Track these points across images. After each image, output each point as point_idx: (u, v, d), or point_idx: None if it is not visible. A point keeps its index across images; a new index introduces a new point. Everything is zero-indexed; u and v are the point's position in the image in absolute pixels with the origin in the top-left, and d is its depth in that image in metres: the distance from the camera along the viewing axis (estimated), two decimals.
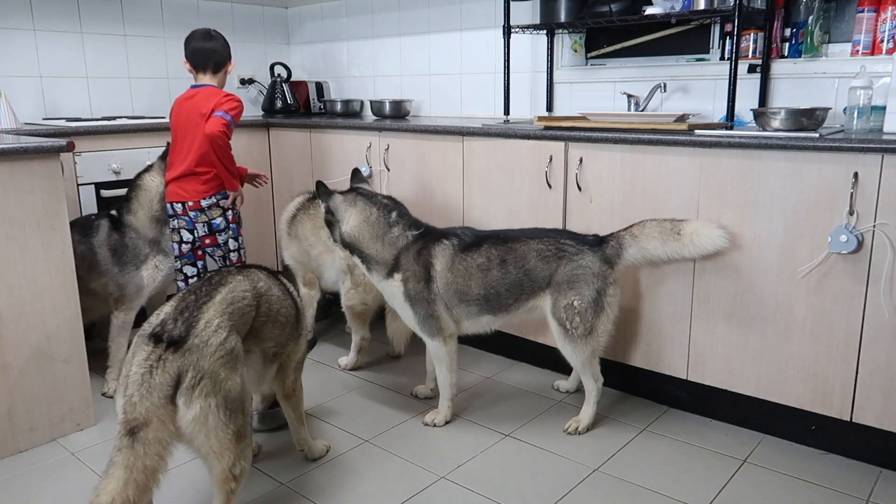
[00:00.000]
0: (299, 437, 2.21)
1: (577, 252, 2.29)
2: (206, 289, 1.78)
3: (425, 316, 2.35)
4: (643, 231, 2.29)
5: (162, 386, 1.56)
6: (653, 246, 2.27)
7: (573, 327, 2.28)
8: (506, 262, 2.31)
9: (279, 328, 1.96)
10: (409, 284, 2.34)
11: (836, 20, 2.65)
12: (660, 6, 2.78)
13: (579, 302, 2.26)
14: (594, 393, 2.39)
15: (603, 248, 2.31)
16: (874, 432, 2.11)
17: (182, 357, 1.60)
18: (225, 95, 2.69)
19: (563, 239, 2.33)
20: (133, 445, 1.50)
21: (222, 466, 1.64)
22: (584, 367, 2.34)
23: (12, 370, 2.25)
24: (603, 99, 3.21)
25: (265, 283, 1.95)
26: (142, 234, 2.71)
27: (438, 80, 3.84)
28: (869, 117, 2.31)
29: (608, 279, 2.28)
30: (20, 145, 2.20)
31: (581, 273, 2.27)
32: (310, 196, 3.07)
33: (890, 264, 1.98)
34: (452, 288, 2.33)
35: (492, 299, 2.33)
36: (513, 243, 2.34)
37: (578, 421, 2.39)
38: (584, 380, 2.38)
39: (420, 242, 2.35)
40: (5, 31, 3.34)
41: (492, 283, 2.32)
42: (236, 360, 1.69)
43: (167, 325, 1.65)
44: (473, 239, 2.37)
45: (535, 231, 2.42)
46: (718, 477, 2.12)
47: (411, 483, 2.10)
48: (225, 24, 4.17)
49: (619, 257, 2.31)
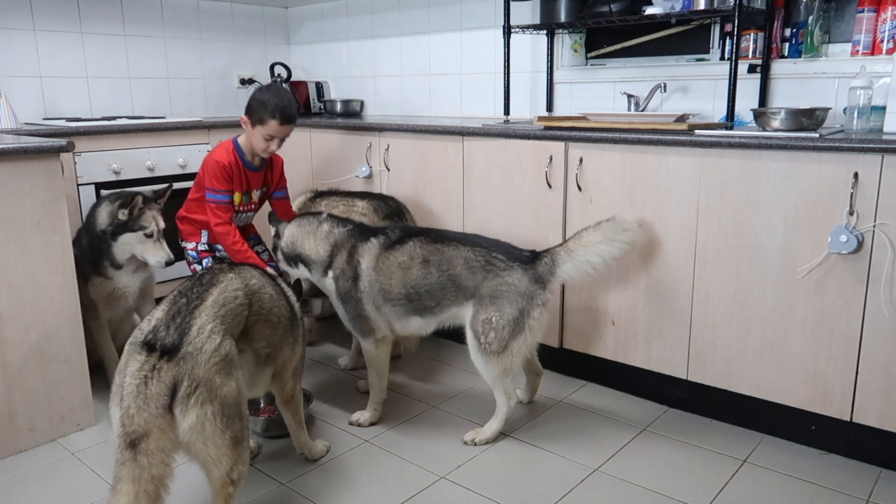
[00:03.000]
0: (300, 441, 2.20)
1: (505, 268, 2.20)
2: (197, 290, 1.75)
3: (355, 314, 2.35)
4: (580, 243, 2.22)
5: (158, 396, 1.54)
6: (595, 253, 2.20)
7: (487, 342, 2.19)
8: (428, 262, 2.26)
9: (271, 328, 1.93)
10: (340, 282, 2.35)
11: (836, 20, 2.65)
12: (660, 6, 2.78)
13: (497, 319, 2.17)
14: (504, 410, 2.30)
15: (535, 265, 2.21)
16: (874, 432, 2.11)
17: (177, 366, 1.57)
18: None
19: (495, 252, 2.24)
20: (136, 458, 1.49)
21: (220, 472, 1.63)
22: (495, 383, 2.26)
23: (12, 370, 2.25)
24: (603, 99, 3.21)
25: (258, 280, 1.93)
26: (84, 253, 2.58)
27: (438, 80, 3.84)
28: (869, 117, 2.31)
29: (535, 300, 2.18)
30: (20, 145, 2.20)
31: (505, 290, 2.18)
32: (312, 195, 3.07)
33: (890, 264, 1.98)
34: (377, 286, 2.31)
35: (413, 300, 2.28)
36: (441, 245, 2.28)
37: (478, 433, 2.33)
38: (496, 395, 2.30)
39: (352, 241, 2.37)
40: (5, 31, 3.34)
41: (412, 283, 2.27)
42: (231, 364, 1.67)
43: (159, 332, 1.63)
44: (399, 237, 2.34)
45: (473, 238, 2.33)
46: (718, 477, 2.12)
47: (411, 483, 2.10)
48: (225, 24, 4.17)
49: (552, 275, 2.21)
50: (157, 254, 2.56)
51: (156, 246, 2.56)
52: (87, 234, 2.61)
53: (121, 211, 2.50)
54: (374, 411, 2.46)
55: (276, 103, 2.48)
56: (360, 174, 3.32)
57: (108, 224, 2.53)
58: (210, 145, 3.48)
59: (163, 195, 2.68)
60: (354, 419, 2.46)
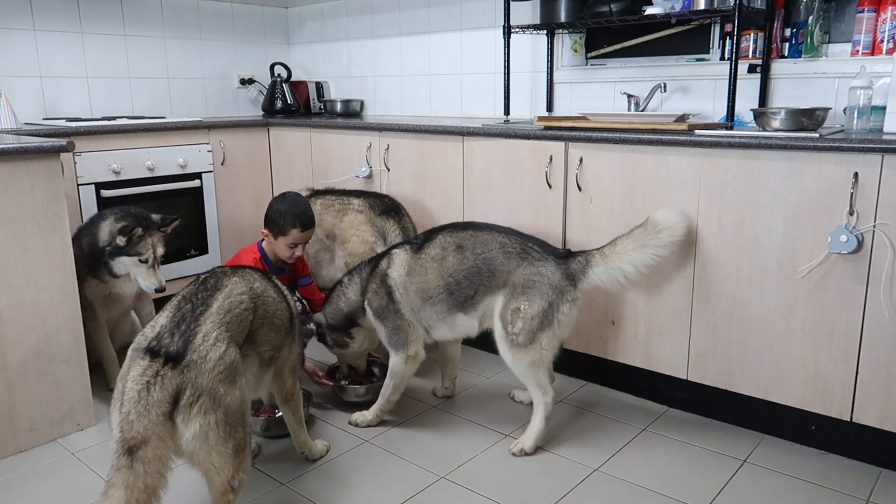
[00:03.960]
0: (299, 440, 2.20)
1: (540, 258, 2.20)
2: (202, 296, 1.74)
3: (393, 328, 2.35)
4: (614, 250, 2.19)
5: (160, 403, 1.53)
6: (628, 261, 2.16)
7: (514, 332, 2.17)
8: (463, 247, 2.27)
9: (275, 331, 1.93)
10: (374, 304, 2.38)
11: (836, 20, 2.65)
12: (660, 6, 2.78)
13: (527, 308, 2.15)
14: (541, 407, 2.23)
15: (568, 262, 2.21)
16: (874, 432, 2.11)
17: (181, 374, 1.56)
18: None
19: (531, 243, 2.26)
20: (132, 465, 1.48)
21: (222, 480, 1.62)
22: (526, 376, 2.21)
23: (12, 370, 2.25)
24: (603, 99, 3.21)
25: (261, 283, 1.92)
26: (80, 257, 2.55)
27: (438, 80, 3.84)
28: (869, 117, 2.31)
29: (565, 295, 2.17)
30: (20, 145, 2.20)
31: (538, 280, 2.17)
32: (308, 193, 3.08)
33: (890, 264, 1.98)
34: (412, 290, 2.31)
35: (454, 291, 2.27)
36: (474, 231, 2.30)
37: (523, 441, 2.25)
38: (531, 391, 2.24)
39: (371, 265, 2.44)
40: (5, 31, 3.34)
41: (449, 271, 2.26)
42: (235, 372, 1.66)
43: (163, 339, 1.61)
44: (425, 238, 2.36)
45: (508, 229, 2.33)
46: (718, 477, 2.12)
47: (411, 483, 2.10)
48: (225, 24, 4.17)
49: (583, 275, 2.19)
50: (149, 280, 2.57)
51: (149, 272, 2.57)
52: (88, 238, 2.60)
53: (119, 237, 2.52)
54: (376, 417, 2.45)
55: (294, 212, 2.53)
56: (360, 174, 3.32)
57: (107, 242, 2.54)
58: (210, 145, 3.49)
59: (168, 224, 2.67)
60: (354, 419, 2.46)
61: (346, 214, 2.92)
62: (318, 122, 3.58)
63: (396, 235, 2.87)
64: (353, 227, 2.88)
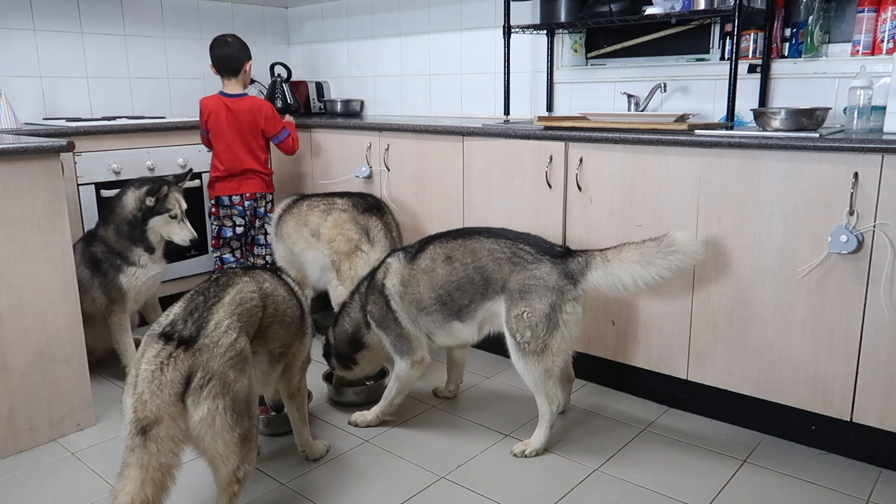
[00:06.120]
0: (302, 437, 2.21)
1: (532, 261, 2.15)
2: (214, 290, 1.78)
3: (396, 336, 2.35)
4: (618, 256, 2.10)
5: (173, 383, 1.56)
6: (628, 273, 2.07)
7: (524, 341, 2.13)
8: (451, 258, 2.25)
9: (285, 328, 1.97)
10: (374, 315, 2.38)
11: (836, 20, 2.65)
12: (660, 6, 2.78)
13: (528, 314, 2.11)
14: (547, 416, 2.22)
15: (567, 261, 2.15)
16: (874, 432, 2.11)
17: (193, 356, 1.60)
18: (267, 112, 3.16)
19: (522, 244, 2.20)
20: (146, 444, 1.50)
21: (227, 469, 1.64)
22: (537, 387, 2.18)
23: (13, 370, 2.25)
24: (603, 99, 3.21)
25: (270, 283, 1.96)
26: (111, 246, 2.71)
27: (438, 80, 3.84)
28: (869, 117, 2.31)
29: (566, 294, 2.11)
30: (20, 145, 2.20)
31: (533, 284, 2.12)
32: (296, 198, 3.15)
33: (890, 264, 1.98)
34: (408, 299, 2.31)
35: (447, 302, 2.26)
36: (463, 240, 2.27)
37: (528, 444, 2.25)
38: (538, 400, 2.22)
39: (368, 278, 2.45)
40: (5, 31, 3.34)
41: (439, 284, 2.26)
42: (245, 361, 1.70)
43: (177, 324, 1.66)
44: (419, 247, 2.35)
45: (500, 231, 2.29)
46: (718, 477, 2.12)
47: (411, 483, 2.10)
48: (225, 24, 4.17)
49: (582, 275, 2.12)
50: (181, 232, 2.78)
51: (180, 226, 2.79)
52: (114, 225, 2.72)
53: (148, 198, 2.70)
54: (376, 418, 2.45)
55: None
56: (360, 174, 3.33)
57: (136, 208, 2.71)
58: None
59: (184, 179, 2.89)
60: (354, 419, 2.46)
61: (330, 214, 2.97)
62: (318, 122, 3.58)
63: (379, 231, 2.93)
64: (337, 225, 2.92)
